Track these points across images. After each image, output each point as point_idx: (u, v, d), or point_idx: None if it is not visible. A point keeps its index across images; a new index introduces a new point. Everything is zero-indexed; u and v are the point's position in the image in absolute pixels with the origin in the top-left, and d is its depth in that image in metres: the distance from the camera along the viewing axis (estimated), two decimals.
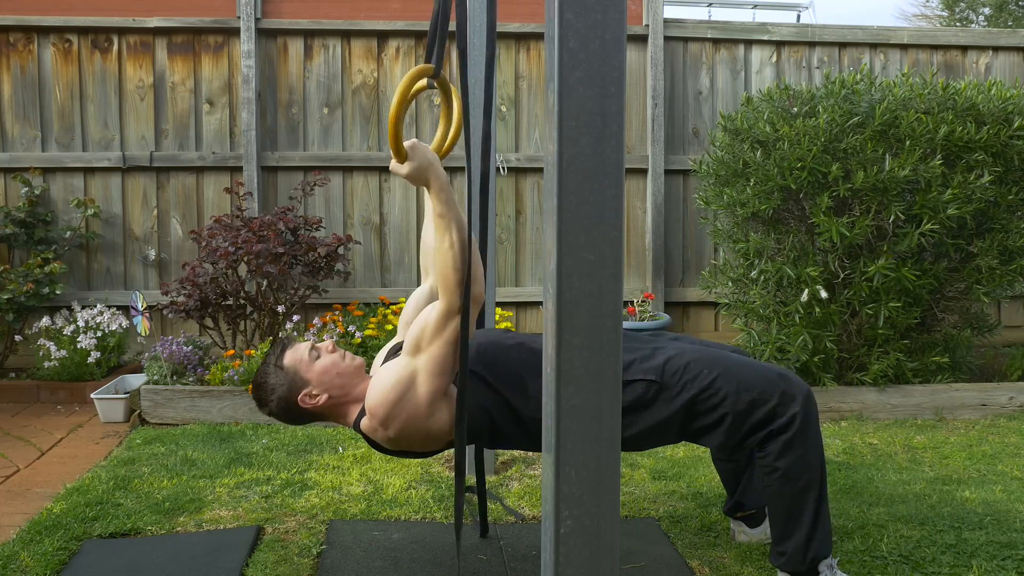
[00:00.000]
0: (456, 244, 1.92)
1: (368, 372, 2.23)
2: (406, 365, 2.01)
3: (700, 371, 2.06)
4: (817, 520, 2.08)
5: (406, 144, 1.91)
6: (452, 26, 3.34)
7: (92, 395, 3.95)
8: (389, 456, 2.20)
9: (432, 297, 2.28)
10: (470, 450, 2.71)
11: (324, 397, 2.10)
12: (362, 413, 2.10)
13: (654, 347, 2.15)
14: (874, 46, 5.32)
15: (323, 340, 2.19)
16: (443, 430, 2.06)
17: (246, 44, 4.81)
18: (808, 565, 2.09)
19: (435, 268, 1.98)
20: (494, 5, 1.86)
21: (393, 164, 1.94)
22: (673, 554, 2.42)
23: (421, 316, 2.02)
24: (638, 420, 2.07)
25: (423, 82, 1.91)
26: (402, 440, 2.06)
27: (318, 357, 2.12)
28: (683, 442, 3.47)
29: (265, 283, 4.26)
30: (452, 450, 3.38)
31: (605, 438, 1.20)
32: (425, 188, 1.96)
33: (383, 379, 2.04)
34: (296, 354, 2.12)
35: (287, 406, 2.12)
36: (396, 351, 2.21)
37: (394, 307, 4.57)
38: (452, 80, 4.97)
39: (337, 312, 4.57)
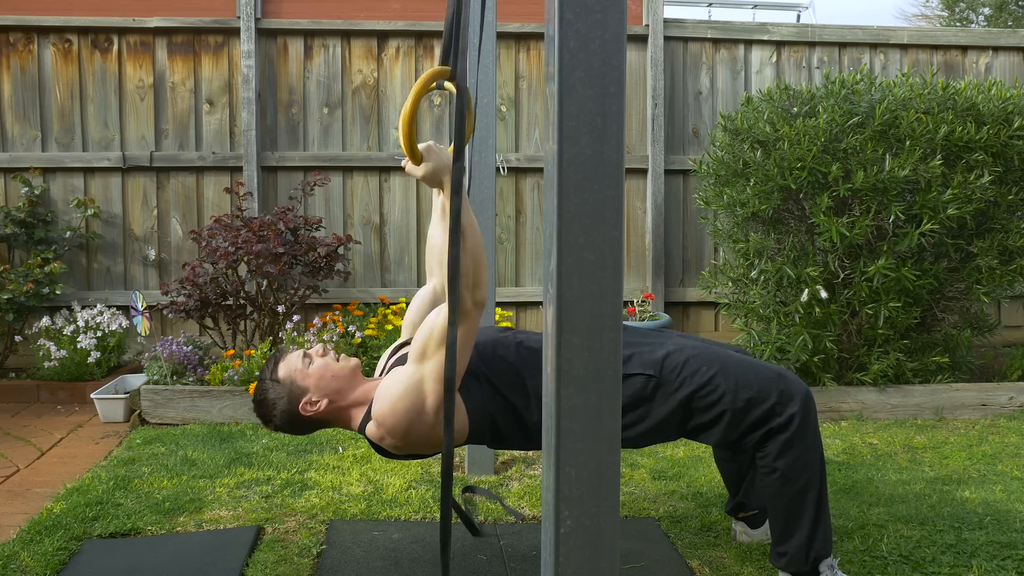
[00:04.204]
0: (468, 249, 1.86)
1: (373, 373, 2.22)
2: (412, 373, 1.98)
3: (699, 368, 2.05)
4: (818, 520, 2.08)
5: (421, 147, 1.88)
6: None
7: (92, 395, 3.95)
8: (391, 459, 2.20)
9: (436, 297, 2.27)
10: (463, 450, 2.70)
11: (324, 403, 2.10)
12: (367, 418, 2.09)
13: (655, 342, 2.14)
14: (874, 46, 5.32)
15: (312, 346, 2.18)
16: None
17: (246, 44, 4.81)
18: (810, 565, 2.09)
19: (444, 270, 1.96)
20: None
21: (409, 166, 1.92)
22: (673, 554, 2.42)
23: (427, 321, 1.98)
24: (638, 416, 2.06)
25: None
26: (409, 446, 2.05)
27: (311, 363, 2.12)
28: (683, 441, 3.50)
29: (265, 283, 4.26)
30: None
31: (605, 438, 1.20)
32: (439, 189, 1.95)
33: (390, 387, 2.02)
34: (289, 364, 2.13)
35: (290, 417, 2.12)
36: (402, 348, 2.20)
37: (394, 307, 4.57)
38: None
39: (337, 312, 4.57)
